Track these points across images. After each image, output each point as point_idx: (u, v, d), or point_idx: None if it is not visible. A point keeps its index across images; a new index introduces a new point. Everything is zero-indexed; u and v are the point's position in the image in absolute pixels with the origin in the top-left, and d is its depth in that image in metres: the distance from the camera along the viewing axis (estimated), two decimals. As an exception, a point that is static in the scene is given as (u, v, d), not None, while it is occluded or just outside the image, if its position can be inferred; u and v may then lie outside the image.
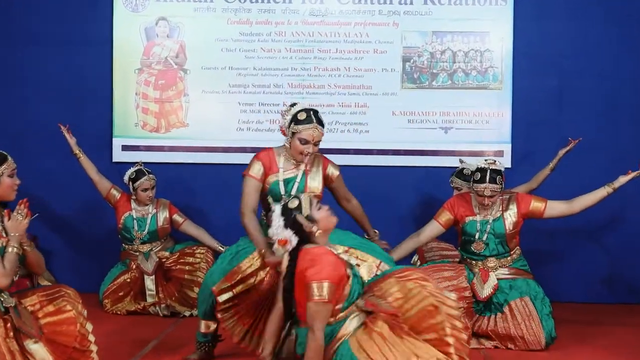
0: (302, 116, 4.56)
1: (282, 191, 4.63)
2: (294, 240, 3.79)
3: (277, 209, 3.88)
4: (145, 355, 4.57)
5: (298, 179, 4.67)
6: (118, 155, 6.81)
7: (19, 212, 3.78)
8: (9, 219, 3.78)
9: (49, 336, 3.79)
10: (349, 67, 6.84)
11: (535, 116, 6.76)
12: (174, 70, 6.88)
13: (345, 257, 3.99)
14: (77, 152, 6.14)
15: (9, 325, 3.66)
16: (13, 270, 3.68)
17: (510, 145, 6.78)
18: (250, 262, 4.71)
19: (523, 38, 6.78)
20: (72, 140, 6.15)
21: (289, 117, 4.60)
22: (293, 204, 3.86)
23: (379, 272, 4.49)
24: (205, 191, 6.80)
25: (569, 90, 6.77)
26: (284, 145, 4.65)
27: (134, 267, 6.16)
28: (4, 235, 3.76)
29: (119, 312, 5.99)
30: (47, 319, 3.83)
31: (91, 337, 3.92)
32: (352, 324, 3.75)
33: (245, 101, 6.85)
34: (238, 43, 6.84)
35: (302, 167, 4.68)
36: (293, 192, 4.63)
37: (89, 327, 3.94)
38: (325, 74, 6.85)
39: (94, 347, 3.93)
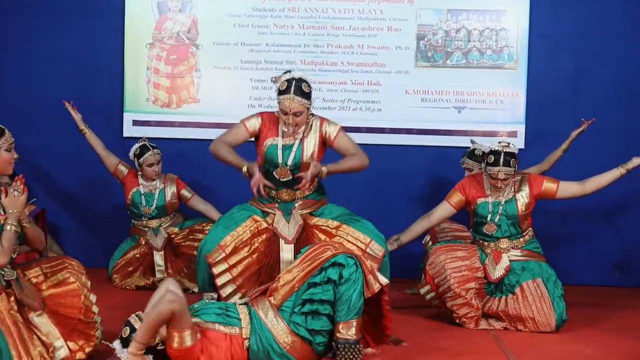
0: (283, 86, 4.64)
1: (280, 159, 4.70)
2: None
3: (116, 344, 3.66)
4: None
5: (295, 147, 4.74)
6: (129, 130, 6.84)
7: (16, 188, 3.76)
8: (6, 195, 3.76)
9: (53, 308, 3.82)
10: (362, 44, 6.84)
11: (550, 98, 6.75)
12: (186, 46, 6.88)
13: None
14: (83, 127, 6.16)
15: (12, 298, 3.68)
16: (11, 248, 3.67)
17: (524, 126, 6.78)
18: (243, 230, 4.76)
19: (540, 18, 6.75)
20: (77, 117, 6.17)
21: (276, 87, 4.67)
22: (125, 332, 3.64)
23: (368, 250, 4.52)
24: (215, 167, 6.70)
25: (585, 73, 6.76)
26: None
27: (143, 242, 6.20)
28: (2, 212, 3.75)
29: (127, 287, 6.03)
30: (51, 291, 3.87)
31: (95, 309, 3.96)
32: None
33: (257, 77, 6.85)
34: (251, 19, 6.84)
35: (300, 134, 4.72)
36: (289, 161, 4.70)
37: (93, 298, 3.97)
38: (338, 51, 6.85)
39: (97, 318, 3.96)
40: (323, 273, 3.76)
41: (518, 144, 6.55)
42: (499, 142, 5.10)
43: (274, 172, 4.77)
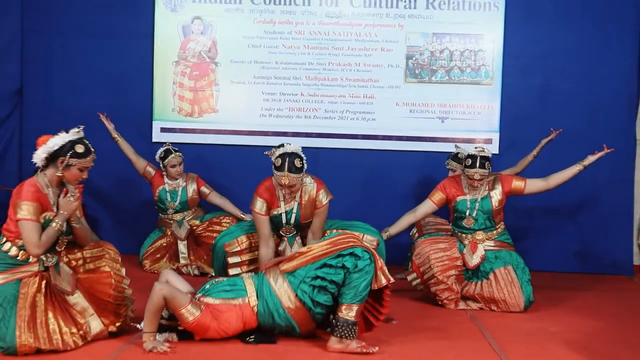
0: (277, 162, 4.61)
1: (284, 221, 4.80)
2: None
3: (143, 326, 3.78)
4: None
5: (294, 211, 4.79)
6: (157, 136, 6.82)
7: (73, 194, 3.78)
8: (64, 196, 3.78)
9: (87, 289, 3.83)
10: (359, 62, 6.82)
11: (521, 110, 6.73)
12: (207, 63, 6.88)
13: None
14: (116, 136, 6.13)
15: (44, 282, 3.68)
16: (47, 243, 3.66)
17: (498, 134, 6.75)
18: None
19: (512, 40, 6.74)
20: (110, 126, 6.13)
21: (273, 159, 4.64)
22: None
23: (365, 242, 4.53)
24: (231, 168, 6.81)
25: (552, 87, 6.74)
26: None
27: (169, 233, 6.20)
28: (55, 209, 3.76)
29: (155, 272, 6.01)
30: (85, 276, 3.88)
31: (128, 291, 3.98)
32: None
33: (267, 91, 6.84)
34: (262, 40, 6.83)
35: (297, 198, 4.75)
36: (292, 221, 4.80)
37: (126, 282, 3.99)
38: (338, 69, 6.83)
39: (130, 300, 3.98)
40: (340, 259, 3.75)
41: (493, 150, 6.55)
42: (475, 148, 5.10)
43: (280, 232, 4.88)
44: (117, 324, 3.89)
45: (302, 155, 4.67)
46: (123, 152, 6.17)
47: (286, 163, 4.55)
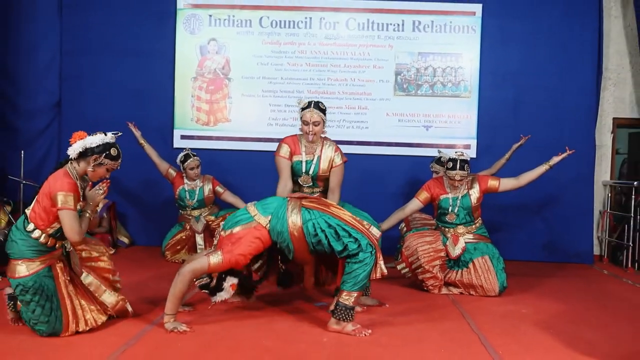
0: (304, 105, 4.58)
1: (303, 169, 4.64)
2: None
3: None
4: (195, 293, 4.58)
5: (314, 162, 4.63)
6: (177, 143, 6.83)
7: (100, 187, 3.69)
8: (91, 189, 3.71)
9: (94, 270, 3.80)
10: (354, 78, 6.84)
11: (495, 119, 6.75)
12: (221, 79, 6.89)
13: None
14: (142, 142, 6.12)
15: (67, 269, 3.67)
16: (85, 230, 3.60)
17: (476, 140, 6.77)
18: None
19: (488, 59, 6.76)
20: (137, 133, 6.11)
21: (299, 107, 4.62)
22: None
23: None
24: (242, 170, 6.81)
25: (523, 100, 6.76)
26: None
27: (188, 227, 6.18)
28: (84, 200, 3.67)
29: (176, 261, 6.04)
30: (91, 263, 3.83)
31: (118, 285, 3.93)
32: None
33: (274, 103, 6.86)
34: (270, 58, 6.85)
35: (318, 152, 4.63)
36: (310, 171, 4.63)
37: (117, 277, 3.93)
38: (336, 83, 6.84)
39: (119, 285, 3.93)
40: (346, 240, 3.74)
41: (471, 154, 6.58)
42: (456, 152, 5.09)
43: (299, 180, 4.73)
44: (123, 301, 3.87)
45: (325, 106, 4.66)
46: (148, 156, 6.17)
47: (312, 103, 4.55)
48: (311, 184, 4.72)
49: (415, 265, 4.99)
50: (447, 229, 5.12)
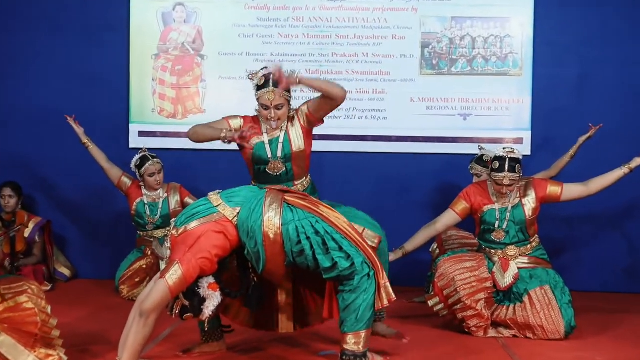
0: (261, 81, 4.49)
1: (269, 153, 4.53)
2: None
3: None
4: (159, 343, 4.60)
5: (281, 139, 4.54)
6: (135, 141, 6.83)
7: None
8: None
9: (11, 326, 3.72)
10: (367, 52, 6.84)
11: (555, 104, 6.75)
12: (191, 56, 6.90)
13: None
14: (86, 141, 6.17)
15: None
16: None
17: (529, 133, 6.77)
18: None
19: (544, 25, 6.76)
20: (79, 130, 6.17)
21: (253, 83, 4.53)
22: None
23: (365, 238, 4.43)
24: (221, 177, 6.64)
25: (590, 78, 6.76)
26: None
27: (150, 253, 6.20)
28: None
29: (135, 299, 5.98)
30: (7, 314, 3.75)
31: (56, 332, 3.88)
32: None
33: (261, 87, 6.87)
34: (255, 29, 6.86)
35: (284, 126, 4.56)
36: (279, 153, 4.53)
37: (53, 322, 3.89)
38: (343, 60, 6.85)
39: (58, 342, 3.88)
40: (336, 255, 3.74)
41: (524, 150, 6.51)
42: (504, 148, 5.11)
43: (266, 169, 4.59)
44: (54, 357, 3.81)
45: None
46: (95, 160, 6.19)
47: (271, 79, 4.43)
48: (284, 170, 4.59)
49: (453, 300, 4.98)
50: (493, 251, 5.15)
